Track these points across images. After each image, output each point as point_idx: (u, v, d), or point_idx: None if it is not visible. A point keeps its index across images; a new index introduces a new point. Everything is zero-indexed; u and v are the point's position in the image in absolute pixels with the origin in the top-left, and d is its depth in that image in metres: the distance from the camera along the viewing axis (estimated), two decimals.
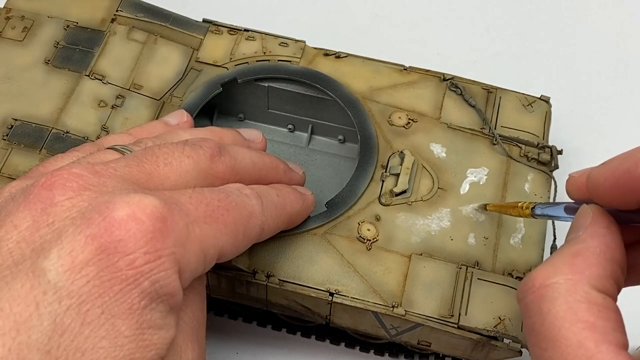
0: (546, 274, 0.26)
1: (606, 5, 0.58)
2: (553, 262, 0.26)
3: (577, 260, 0.26)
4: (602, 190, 0.26)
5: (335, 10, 0.58)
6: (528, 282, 0.26)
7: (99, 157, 0.31)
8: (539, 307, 0.25)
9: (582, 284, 0.25)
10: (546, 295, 0.25)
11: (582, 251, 0.26)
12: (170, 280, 0.25)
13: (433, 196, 0.39)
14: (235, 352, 0.43)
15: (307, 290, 0.36)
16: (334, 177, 0.45)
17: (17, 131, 0.40)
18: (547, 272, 0.26)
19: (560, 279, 0.25)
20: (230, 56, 0.44)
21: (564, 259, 0.26)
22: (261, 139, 0.38)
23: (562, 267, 0.26)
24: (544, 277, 0.26)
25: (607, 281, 0.25)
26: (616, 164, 0.26)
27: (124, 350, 0.24)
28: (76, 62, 0.43)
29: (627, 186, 0.25)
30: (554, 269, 0.26)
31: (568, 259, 0.26)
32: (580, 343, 0.24)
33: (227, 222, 0.29)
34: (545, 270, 0.26)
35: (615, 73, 0.55)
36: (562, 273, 0.25)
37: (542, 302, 0.25)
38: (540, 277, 0.26)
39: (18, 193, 0.28)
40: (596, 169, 0.27)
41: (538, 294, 0.26)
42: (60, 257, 0.24)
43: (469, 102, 0.43)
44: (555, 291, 0.25)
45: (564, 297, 0.25)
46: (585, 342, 0.24)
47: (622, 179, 0.25)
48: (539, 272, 0.26)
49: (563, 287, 0.25)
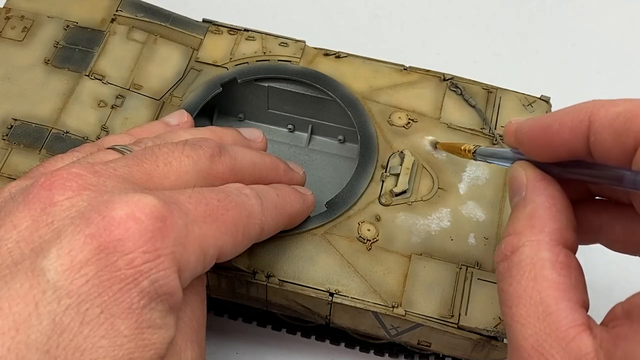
0: (512, 241, 0.28)
1: (606, 5, 0.58)
2: (513, 228, 0.28)
3: (534, 222, 0.27)
4: (525, 140, 0.29)
5: (335, 10, 0.58)
6: (499, 252, 0.28)
7: (98, 157, 0.31)
8: (509, 272, 0.27)
9: (544, 244, 0.27)
10: (514, 259, 0.27)
11: (534, 211, 0.28)
12: (170, 280, 0.25)
13: (433, 196, 0.39)
14: (235, 352, 0.43)
15: (307, 290, 0.36)
16: (334, 177, 0.45)
17: (17, 131, 0.40)
18: (513, 239, 0.28)
19: (525, 242, 0.27)
20: (230, 56, 0.44)
21: (522, 223, 0.28)
22: (262, 138, 0.38)
23: (524, 230, 0.27)
24: (511, 245, 0.27)
25: (566, 232, 0.27)
26: (541, 118, 0.28)
27: (123, 350, 0.24)
28: (76, 62, 0.43)
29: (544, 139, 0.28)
30: (517, 235, 0.27)
31: (526, 222, 0.28)
32: (542, 300, 0.26)
33: (227, 222, 0.29)
34: (510, 238, 0.28)
35: (615, 73, 0.55)
36: (525, 236, 0.27)
37: (511, 266, 0.27)
38: (507, 245, 0.28)
39: (18, 193, 0.28)
40: (526, 120, 0.29)
41: (508, 261, 0.27)
42: (59, 256, 0.24)
43: (469, 102, 0.43)
44: (522, 254, 0.27)
45: (530, 259, 0.27)
46: (546, 299, 0.25)
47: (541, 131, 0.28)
48: (506, 240, 0.28)
49: (528, 249, 0.27)
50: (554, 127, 0.27)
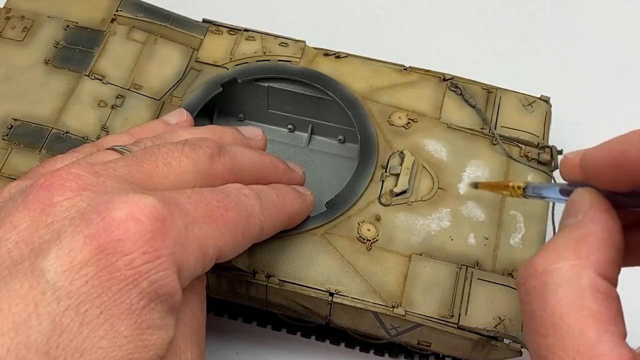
0: (549, 259, 0.25)
1: (606, 5, 0.58)
2: (556, 247, 0.25)
3: (581, 246, 0.25)
4: (597, 171, 0.26)
5: (335, 10, 0.58)
6: (530, 267, 0.25)
7: (98, 158, 0.31)
8: (541, 293, 0.25)
9: (587, 271, 0.24)
10: (549, 281, 0.25)
11: (585, 236, 0.25)
12: (169, 280, 0.25)
13: (433, 196, 0.39)
14: (235, 352, 0.43)
15: (307, 291, 0.36)
16: (334, 177, 0.45)
17: (17, 131, 0.40)
18: (551, 257, 0.25)
19: (565, 265, 0.25)
20: (230, 56, 0.44)
21: (567, 244, 0.25)
22: (261, 137, 0.38)
23: (566, 253, 0.25)
24: (547, 262, 0.25)
25: (611, 267, 0.25)
26: (612, 145, 0.25)
27: (123, 351, 0.24)
28: (76, 62, 0.43)
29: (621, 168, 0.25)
30: (558, 254, 0.25)
31: (572, 245, 0.25)
32: (583, 331, 0.23)
33: (227, 222, 0.29)
34: (548, 255, 0.25)
35: (615, 73, 0.55)
36: (567, 259, 0.25)
37: (545, 287, 0.25)
38: (543, 262, 0.25)
39: (17, 193, 0.28)
40: (592, 149, 0.26)
41: (541, 280, 0.25)
42: (59, 257, 0.24)
43: (469, 102, 0.43)
44: (560, 277, 0.24)
45: (568, 284, 0.24)
46: (588, 331, 0.23)
47: (617, 160, 0.25)
48: (542, 257, 0.25)
49: (568, 273, 0.24)
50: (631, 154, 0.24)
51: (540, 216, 0.39)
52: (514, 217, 0.39)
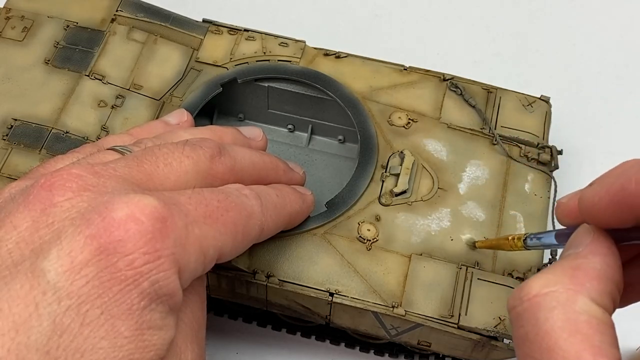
0: (543, 282, 0.25)
1: (606, 5, 0.58)
2: (552, 272, 0.25)
3: (578, 273, 0.25)
4: (597, 211, 0.26)
5: (335, 10, 0.58)
6: (522, 290, 0.25)
7: (98, 158, 0.31)
8: (534, 316, 0.24)
9: (582, 296, 0.24)
10: (543, 303, 0.24)
11: (583, 265, 0.25)
12: (170, 281, 0.25)
13: (433, 196, 0.39)
14: (235, 352, 0.43)
15: (307, 291, 0.36)
16: (334, 177, 0.45)
17: (17, 131, 0.40)
18: (545, 280, 0.25)
19: (560, 288, 0.24)
20: (230, 56, 0.44)
21: (564, 271, 0.25)
22: (261, 137, 0.38)
23: (562, 278, 0.25)
24: (540, 286, 0.25)
25: (606, 297, 0.25)
26: (609, 181, 0.25)
27: (124, 351, 0.24)
28: (76, 62, 0.43)
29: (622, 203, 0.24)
30: (554, 278, 0.25)
31: (568, 271, 0.25)
32: (578, 355, 0.23)
33: (227, 223, 0.29)
34: (542, 279, 0.25)
35: (615, 73, 0.55)
36: (562, 283, 0.24)
37: (538, 310, 0.24)
38: (536, 285, 0.25)
39: (18, 194, 0.28)
40: (588, 189, 0.26)
41: (534, 302, 0.25)
42: (59, 257, 0.24)
43: (469, 102, 0.43)
44: (554, 300, 0.24)
45: (563, 307, 0.24)
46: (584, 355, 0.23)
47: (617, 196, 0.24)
48: (535, 280, 0.25)
49: (563, 296, 0.24)
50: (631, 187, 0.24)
51: (540, 216, 0.39)
52: (514, 217, 0.39)
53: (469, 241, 0.38)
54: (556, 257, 0.38)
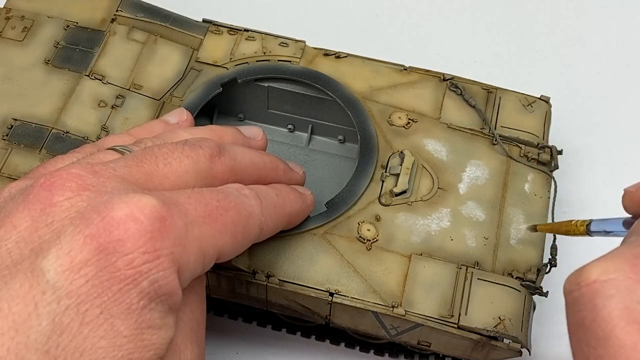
0: (603, 269, 0.24)
1: (606, 5, 0.58)
2: (612, 258, 0.24)
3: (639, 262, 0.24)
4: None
5: (335, 10, 0.58)
6: (581, 275, 0.25)
7: (98, 158, 0.31)
8: (592, 302, 0.24)
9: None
10: (602, 290, 0.24)
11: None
12: (169, 280, 0.25)
13: (433, 196, 0.39)
14: (235, 352, 0.43)
15: (307, 290, 0.36)
16: (334, 177, 0.45)
17: (17, 131, 0.40)
18: (605, 267, 0.24)
19: (620, 276, 0.24)
20: (230, 56, 0.44)
21: (625, 258, 0.24)
22: (261, 136, 0.38)
23: (623, 265, 0.24)
24: (600, 272, 0.24)
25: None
26: None
27: (123, 350, 0.24)
28: (76, 62, 0.43)
29: None
30: (614, 265, 0.24)
31: (630, 259, 0.24)
32: (635, 345, 0.22)
33: (226, 223, 0.29)
34: (602, 265, 0.24)
35: (615, 73, 0.55)
36: (622, 270, 0.24)
37: (596, 297, 0.24)
38: (595, 271, 0.24)
39: (17, 193, 0.28)
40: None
41: (592, 288, 0.24)
42: (59, 257, 0.24)
43: (469, 102, 0.43)
44: (613, 287, 0.23)
45: (622, 295, 0.23)
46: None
47: None
48: (594, 266, 0.24)
49: (622, 284, 0.23)
50: None
51: (540, 216, 0.39)
52: (514, 217, 0.39)
53: (530, 227, 0.38)
54: (556, 258, 0.38)
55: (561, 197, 0.44)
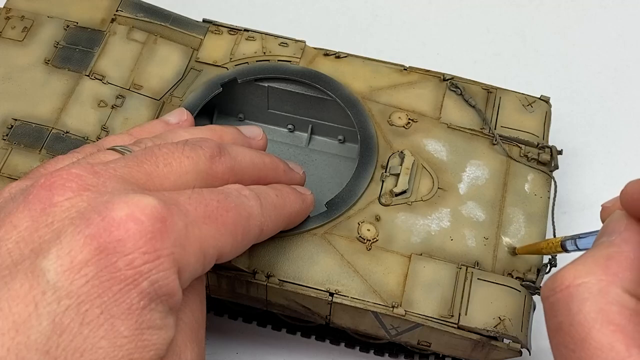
0: (576, 273, 0.25)
1: (606, 5, 0.58)
2: (584, 262, 0.25)
3: (611, 263, 0.25)
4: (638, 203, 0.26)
5: (335, 10, 0.58)
6: (556, 280, 0.25)
7: (98, 158, 0.31)
8: (567, 306, 0.25)
9: (614, 286, 0.24)
10: (576, 294, 0.24)
11: (615, 255, 0.25)
12: (170, 281, 0.25)
13: (433, 196, 0.39)
14: (235, 352, 0.43)
15: (307, 290, 0.36)
16: (334, 177, 0.45)
17: (17, 131, 0.40)
18: (578, 271, 0.25)
19: (592, 279, 0.24)
20: (230, 56, 0.44)
21: (596, 261, 0.25)
22: (262, 136, 0.38)
23: (595, 268, 0.25)
24: (573, 276, 0.25)
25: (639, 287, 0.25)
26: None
27: (123, 351, 0.24)
28: (76, 62, 0.43)
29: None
30: (586, 269, 0.25)
31: (601, 261, 0.25)
32: (612, 345, 0.23)
33: (226, 223, 0.29)
34: (575, 269, 0.25)
35: (615, 73, 0.55)
36: (594, 273, 0.25)
37: (571, 301, 0.24)
38: (569, 276, 0.25)
39: (18, 193, 0.28)
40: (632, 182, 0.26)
41: (567, 293, 0.25)
42: (59, 257, 0.24)
43: (469, 102, 0.43)
44: (586, 291, 0.24)
45: (595, 298, 0.24)
46: (617, 345, 0.23)
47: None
48: (568, 271, 0.25)
49: (595, 287, 0.24)
50: None
51: (540, 216, 0.39)
52: (514, 217, 0.39)
53: (509, 246, 0.38)
54: (556, 258, 0.38)
55: (561, 197, 0.45)
